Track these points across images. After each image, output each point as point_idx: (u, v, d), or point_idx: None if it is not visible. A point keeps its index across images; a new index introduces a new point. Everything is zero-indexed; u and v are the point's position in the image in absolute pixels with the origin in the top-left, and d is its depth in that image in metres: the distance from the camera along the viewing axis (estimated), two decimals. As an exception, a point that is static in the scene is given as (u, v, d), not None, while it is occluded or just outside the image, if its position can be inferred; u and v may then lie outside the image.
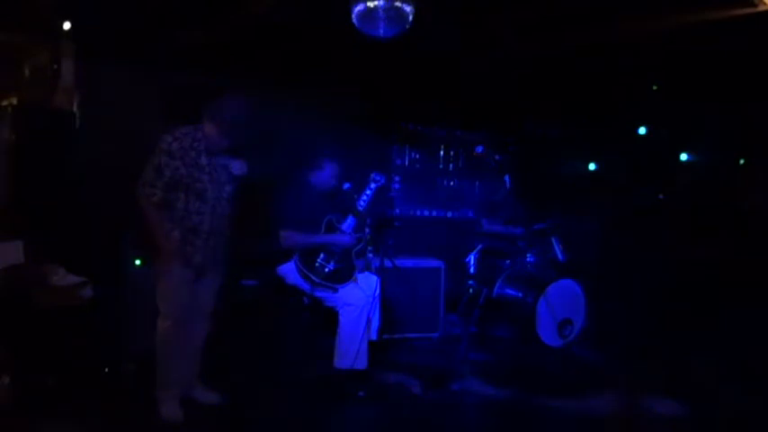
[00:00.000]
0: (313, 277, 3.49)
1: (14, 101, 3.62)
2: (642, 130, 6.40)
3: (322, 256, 3.56)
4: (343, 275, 3.57)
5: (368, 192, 3.67)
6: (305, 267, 3.51)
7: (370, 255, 4.47)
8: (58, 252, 3.45)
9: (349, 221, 3.66)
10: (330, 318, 3.59)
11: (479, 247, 5.03)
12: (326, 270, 3.53)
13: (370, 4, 2.91)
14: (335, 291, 3.52)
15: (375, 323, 3.57)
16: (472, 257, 5.09)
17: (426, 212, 5.92)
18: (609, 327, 5.01)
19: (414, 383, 3.74)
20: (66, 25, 3.84)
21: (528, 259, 4.96)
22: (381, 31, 3.09)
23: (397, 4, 2.93)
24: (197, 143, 2.95)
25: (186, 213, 2.93)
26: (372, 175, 3.72)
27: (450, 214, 6.05)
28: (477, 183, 6.18)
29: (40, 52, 3.85)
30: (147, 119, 4.27)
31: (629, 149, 6.47)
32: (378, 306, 3.57)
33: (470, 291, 4.88)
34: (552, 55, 4.44)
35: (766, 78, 4.43)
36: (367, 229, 3.73)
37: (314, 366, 3.79)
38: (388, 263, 3.97)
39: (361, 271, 3.82)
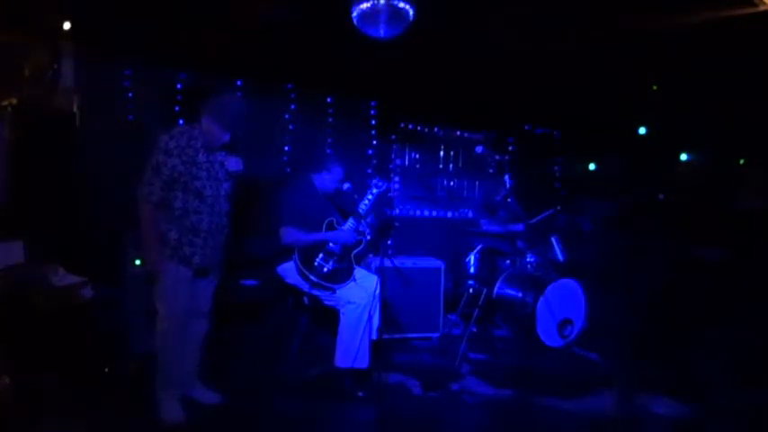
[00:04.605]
0: (311, 276, 3.48)
1: (14, 101, 3.61)
2: (642, 130, 6.40)
3: (321, 255, 3.55)
4: (341, 276, 3.55)
5: (369, 197, 3.67)
6: (303, 266, 3.50)
7: (371, 255, 4.46)
8: (58, 252, 3.45)
9: (350, 224, 3.65)
10: (331, 317, 3.59)
11: (479, 247, 5.03)
12: (325, 270, 3.52)
13: (371, 4, 2.91)
14: (333, 292, 3.51)
15: (375, 323, 3.56)
16: (472, 257, 5.09)
17: (426, 212, 5.94)
18: (609, 326, 5.01)
19: (414, 383, 3.74)
20: (67, 25, 3.84)
21: (528, 259, 4.96)
22: (382, 32, 3.10)
23: (398, 4, 2.93)
24: (194, 141, 2.95)
25: (184, 212, 2.93)
26: (374, 182, 3.72)
27: (450, 214, 6.07)
28: (477, 183, 6.19)
29: (40, 52, 3.85)
30: (147, 118, 4.27)
31: (629, 149, 6.47)
32: (378, 306, 3.55)
33: (470, 291, 4.88)
34: (552, 55, 4.44)
35: (766, 78, 4.43)
36: (367, 231, 3.73)
37: (314, 366, 3.80)
38: (388, 263, 3.97)
39: (360, 264, 3.79)
